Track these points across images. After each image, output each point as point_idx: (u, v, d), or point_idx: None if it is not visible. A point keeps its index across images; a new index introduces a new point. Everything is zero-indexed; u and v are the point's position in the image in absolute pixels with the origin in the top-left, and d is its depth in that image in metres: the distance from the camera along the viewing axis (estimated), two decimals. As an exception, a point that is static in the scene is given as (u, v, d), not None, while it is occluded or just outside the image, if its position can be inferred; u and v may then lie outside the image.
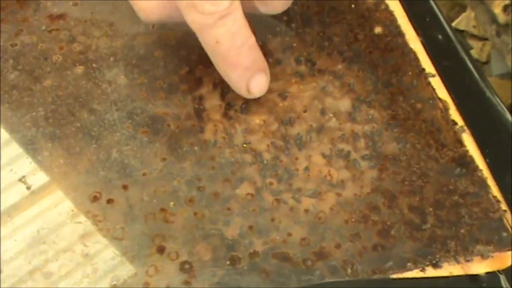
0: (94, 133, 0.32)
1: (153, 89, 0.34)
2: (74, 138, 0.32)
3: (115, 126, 0.33)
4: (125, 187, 0.31)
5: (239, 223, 0.30)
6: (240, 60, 0.32)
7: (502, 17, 0.72)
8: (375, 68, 0.36)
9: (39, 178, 0.31)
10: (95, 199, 0.30)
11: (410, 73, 0.36)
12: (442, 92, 0.36)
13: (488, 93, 0.35)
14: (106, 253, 0.28)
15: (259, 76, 0.33)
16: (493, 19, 0.73)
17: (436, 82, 0.36)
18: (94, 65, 0.35)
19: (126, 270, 0.28)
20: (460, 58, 0.37)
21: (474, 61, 0.36)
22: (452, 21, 1.06)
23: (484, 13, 0.75)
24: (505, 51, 0.72)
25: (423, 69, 0.37)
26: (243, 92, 0.33)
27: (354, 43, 0.37)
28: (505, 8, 0.72)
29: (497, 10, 0.72)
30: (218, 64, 0.33)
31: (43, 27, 0.36)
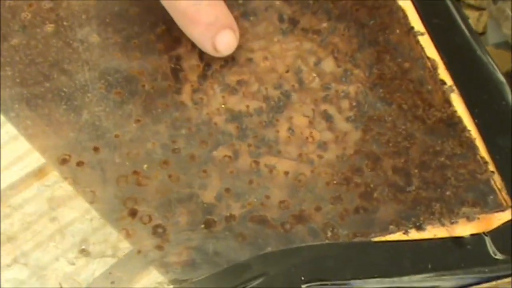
0: (64, 94, 0.31)
1: (127, 49, 0.33)
2: (43, 99, 0.31)
3: (86, 86, 0.32)
4: (96, 149, 0.30)
5: (215, 186, 0.30)
6: (200, 16, 0.31)
7: (498, -16, 0.70)
8: (362, 27, 0.35)
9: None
10: (64, 161, 0.29)
11: (398, 31, 0.35)
12: (431, 51, 0.35)
13: (478, 51, 0.34)
14: (75, 217, 0.28)
15: (225, 33, 0.32)
16: (489, -14, 0.71)
17: (425, 41, 0.35)
18: (65, 23, 0.34)
19: (96, 234, 0.27)
20: (450, 15, 0.36)
21: (465, 18, 0.35)
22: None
23: (480, -19, 0.74)
24: (501, 19, 0.71)
25: (412, 27, 0.35)
26: (209, 50, 0.32)
27: (340, 0, 0.36)
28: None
29: (494, -23, 0.70)
30: (179, 21, 0.32)
31: (11, -16, 0.35)
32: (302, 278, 0.27)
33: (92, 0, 0.35)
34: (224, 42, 0.32)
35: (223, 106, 0.32)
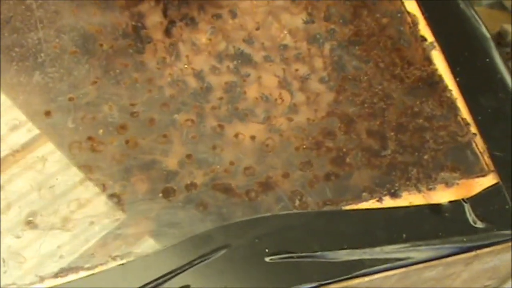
0: (15, 54, 0.27)
1: (85, 5, 0.29)
2: (-8, 60, 0.27)
3: (39, 45, 0.27)
4: (47, 114, 0.26)
5: (176, 152, 0.25)
6: None
7: None
8: (338, -20, 0.31)
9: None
10: (13, 127, 0.25)
11: (376, -16, 0.31)
12: (411, 5, 0.30)
13: (462, 5, 0.29)
14: (22, 186, 0.24)
15: None
16: None
17: (405, -6, 0.30)
18: (18, -22, 0.29)
19: (44, 204, 0.24)
20: (433, -33, 0.31)
21: (448, -30, 0.31)
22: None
23: None
24: (495, -22, 0.65)
25: (391, -20, 0.31)
26: None
27: (315, -48, 0.31)
28: None
29: None
30: None
31: None
32: (267, 250, 0.23)
33: (48, -47, 0.30)
34: None
35: (186, 66, 0.28)
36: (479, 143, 0.26)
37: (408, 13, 0.30)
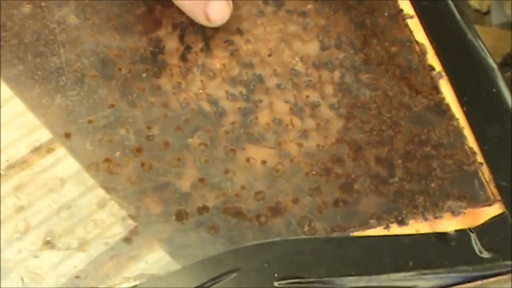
0: (37, 76, 0.28)
1: (105, 30, 0.29)
2: (15, 82, 0.27)
3: (61, 69, 0.28)
4: (67, 136, 0.26)
5: (189, 175, 0.26)
6: None
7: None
8: (348, 9, 0.31)
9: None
10: (35, 148, 0.26)
11: (386, 14, 0.31)
12: (420, 34, 0.30)
13: (469, 36, 0.30)
14: (41, 206, 0.24)
15: (216, 2, 0.28)
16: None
17: (414, 24, 0.31)
18: (42, 3, 0.30)
19: (62, 225, 0.24)
20: (441, -3, 0.31)
21: (456, 0, 0.31)
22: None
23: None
24: (504, -1, 0.65)
25: (401, 10, 0.31)
26: (201, 20, 0.28)
27: (327, -19, 0.32)
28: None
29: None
30: None
31: (-12, -37, 0.31)
32: (276, 275, 0.23)
33: (71, -21, 0.31)
34: (217, 11, 0.28)
35: (201, 91, 0.28)
36: (485, 172, 0.26)
37: (417, 42, 0.30)
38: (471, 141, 0.27)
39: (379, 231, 0.25)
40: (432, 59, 0.30)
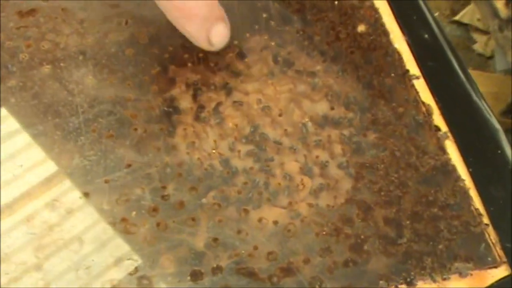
0: (57, 137, 0.29)
1: (121, 90, 0.31)
2: (36, 142, 0.29)
3: (79, 129, 0.30)
4: (86, 195, 0.28)
5: (203, 235, 0.27)
6: (196, 10, 0.29)
7: (504, 12, 0.67)
8: (356, 69, 0.33)
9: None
10: (53, 208, 0.27)
11: (392, 74, 0.33)
12: (426, 95, 0.32)
13: (474, 97, 0.31)
14: (59, 266, 0.25)
15: (219, 25, 0.30)
16: (496, 14, 0.68)
17: (420, 85, 0.32)
18: (62, 64, 0.31)
19: (81, 284, 0.25)
20: (446, 59, 0.33)
21: (461, 62, 0.33)
22: (457, 14, 1.00)
23: (486, 7, 0.70)
24: (506, 47, 0.67)
25: (407, 71, 0.33)
26: (204, 45, 0.30)
27: (336, 42, 0.33)
28: (507, 3, 0.67)
29: (500, 4, 0.67)
30: (177, 18, 0.30)
31: (11, 24, 0.33)
32: (288, 337, 0.24)
33: (89, 40, 0.32)
34: (218, 34, 0.30)
35: (214, 150, 0.30)
36: (491, 234, 0.27)
37: (423, 103, 0.32)
38: (477, 202, 0.28)
39: (388, 292, 0.26)
40: (438, 119, 0.31)
